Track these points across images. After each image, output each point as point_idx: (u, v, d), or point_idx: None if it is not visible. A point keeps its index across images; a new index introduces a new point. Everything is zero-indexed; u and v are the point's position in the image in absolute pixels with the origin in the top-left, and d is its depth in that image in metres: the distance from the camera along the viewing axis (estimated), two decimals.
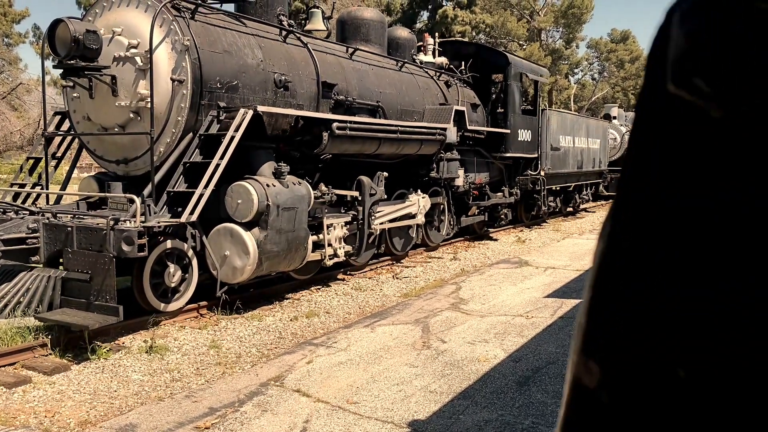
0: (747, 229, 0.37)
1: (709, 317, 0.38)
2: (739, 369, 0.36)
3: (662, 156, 0.41)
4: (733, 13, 0.37)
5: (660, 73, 0.40)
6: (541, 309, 7.46)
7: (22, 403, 4.62)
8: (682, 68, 0.39)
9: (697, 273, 0.38)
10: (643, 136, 0.42)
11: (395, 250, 10.51)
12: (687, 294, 0.38)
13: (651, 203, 0.41)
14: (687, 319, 0.38)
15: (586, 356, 0.43)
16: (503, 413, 4.39)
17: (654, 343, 0.40)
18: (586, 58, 53.37)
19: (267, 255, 6.95)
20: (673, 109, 0.40)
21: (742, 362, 0.37)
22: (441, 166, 10.94)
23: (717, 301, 0.37)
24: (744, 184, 0.37)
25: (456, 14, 38.17)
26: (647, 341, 0.40)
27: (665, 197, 0.40)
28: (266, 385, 4.97)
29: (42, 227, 6.39)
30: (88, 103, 7.36)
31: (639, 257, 0.41)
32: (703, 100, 0.38)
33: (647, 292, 0.40)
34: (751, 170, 0.37)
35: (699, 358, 0.38)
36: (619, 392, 0.42)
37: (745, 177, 0.37)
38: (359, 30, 10.86)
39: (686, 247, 0.39)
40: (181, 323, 6.74)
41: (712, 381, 0.37)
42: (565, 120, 16.96)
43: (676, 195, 0.39)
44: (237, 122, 6.89)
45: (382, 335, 6.36)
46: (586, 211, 21.03)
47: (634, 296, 0.41)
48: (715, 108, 0.38)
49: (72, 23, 6.54)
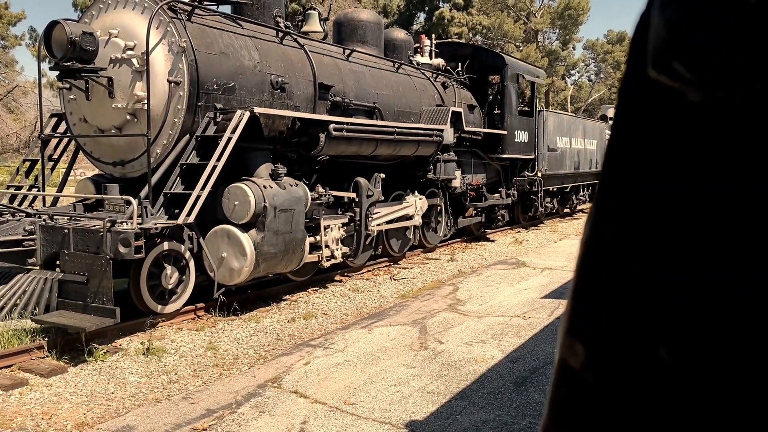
0: (730, 215, 0.37)
1: (691, 303, 0.38)
2: (721, 353, 0.37)
3: (643, 143, 0.41)
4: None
5: (641, 59, 0.41)
6: (538, 310, 7.47)
7: (19, 406, 4.61)
8: (663, 54, 0.40)
9: (679, 259, 0.39)
10: (625, 123, 0.42)
11: (392, 252, 10.52)
12: (669, 280, 0.39)
13: (633, 190, 0.41)
14: (669, 304, 0.39)
15: (571, 337, 0.44)
16: (500, 413, 4.40)
17: (636, 327, 0.40)
18: (583, 60, 53.46)
19: (264, 256, 6.95)
20: (654, 95, 0.40)
21: (724, 346, 0.37)
22: (438, 167, 10.95)
23: (700, 287, 0.38)
24: (726, 171, 0.37)
25: (453, 16, 38.21)
26: (630, 326, 0.40)
27: (647, 184, 0.40)
28: (264, 387, 4.97)
29: (39, 229, 6.39)
30: (84, 105, 7.35)
31: (621, 244, 0.41)
32: (682, 85, 0.39)
33: (629, 278, 0.41)
34: (732, 156, 0.37)
35: (680, 344, 0.38)
36: (603, 373, 0.42)
37: (727, 163, 0.37)
38: (356, 31, 10.87)
39: (668, 233, 0.39)
40: (179, 325, 6.73)
41: (694, 366, 0.38)
42: (562, 121, 16.99)
43: (657, 181, 0.40)
44: (234, 124, 6.89)
45: (379, 336, 6.36)
46: (583, 212, 21.05)
47: (616, 282, 0.41)
48: (694, 92, 0.38)
49: (68, 25, 6.53)
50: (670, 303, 0.39)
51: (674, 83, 0.39)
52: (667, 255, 0.39)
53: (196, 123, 7.17)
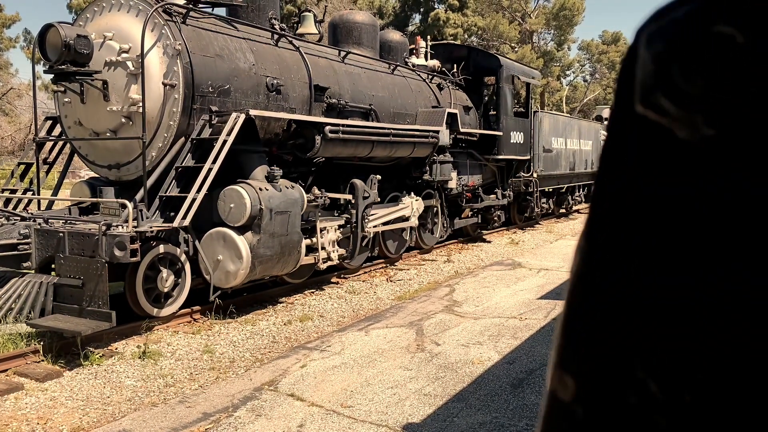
0: (727, 216, 0.37)
1: (687, 305, 0.38)
2: (719, 357, 0.37)
3: (636, 161, 0.41)
4: (694, 36, 0.38)
5: (628, 94, 0.41)
6: (534, 311, 7.48)
7: (15, 410, 4.59)
8: (649, 89, 0.40)
9: (674, 261, 0.38)
10: (614, 155, 0.42)
11: (389, 253, 10.52)
12: (664, 282, 0.38)
13: (627, 191, 0.41)
14: (664, 307, 0.39)
15: (561, 370, 0.44)
16: (497, 415, 4.40)
17: (631, 333, 0.40)
18: (578, 60, 53.59)
19: (260, 259, 6.94)
20: (642, 130, 0.40)
21: (722, 350, 0.37)
22: (434, 168, 10.96)
23: (696, 288, 0.38)
24: (720, 172, 0.37)
25: (448, 17, 38.27)
26: (624, 335, 0.40)
27: (642, 185, 0.40)
28: (260, 390, 4.96)
29: (33, 233, 6.37)
30: (79, 108, 7.34)
31: (615, 247, 0.41)
32: (669, 121, 0.39)
33: (624, 282, 0.40)
34: (726, 160, 0.37)
35: (676, 347, 0.38)
36: (592, 407, 0.42)
37: (721, 165, 0.37)
38: (351, 33, 10.86)
39: (663, 234, 0.39)
40: (175, 328, 6.71)
41: (689, 377, 0.38)
42: (557, 122, 17.01)
43: (652, 183, 0.40)
44: (229, 126, 6.88)
45: (376, 338, 6.36)
46: (579, 212, 21.09)
47: (611, 288, 0.41)
48: (681, 129, 0.38)
49: (63, 28, 6.51)
50: (668, 306, 0.39)
51: (662, 119, 0.39)
52: (661, 257, 0.39)
53: (192, 125, 7.16)
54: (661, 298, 0.39)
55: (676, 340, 0.38)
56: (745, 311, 0.36)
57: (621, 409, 0.40)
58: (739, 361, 0.37)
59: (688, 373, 0.38)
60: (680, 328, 0.38)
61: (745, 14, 0.36)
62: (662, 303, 0.39)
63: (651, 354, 0.39)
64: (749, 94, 0.36)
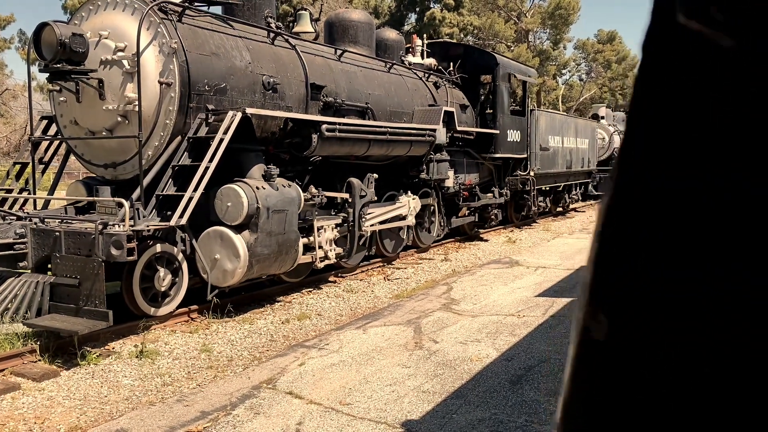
0: (733, 211, 0.36)
1: (694, 298, 0.37)
2: (724, 346, 0.36)
3: (648, 134, 0.40)
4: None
5: (669, 5, 0.40)
6: (532, 308, 7.48)
7: (11, 410, 4.57)
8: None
9: (680, 254, 0.38)
10: (648, 78, 0.41)
11: (386, 252, 10.51)
12: (671, 275, 0.38)
13: (635, 184, 0.40)
14: (671, 300, 0.38)
15: (593, 306, 0.43)
16: (496, 412, 4.39)
17: (640, 321, 0.39)
18: (574, 59, 53.65)
19: (257, 258, 6.93)
20: (683, 42, 0.39)
21: (727, 340, 0.36)
22: (431, 167, 10.96)
23: (703, 282, 0.37)
24: (728, 166, 0.37)
25: (444, 16, 38.28)
26: (634, 319, 0.39)
27: (650, 179, 0.40)
28: (258, 388, 4.95)
29: (30, 232, 6.34)
30: (75, 107, 7.31)
31: (623, 238, 0.41)
32: (714, 30, 0.37)
33: (632, 273, 0.40)
34: (736, 151, 0.36)
35: (684, 339, 0.38)
36: (625, 345, 0.41)
37: (730, 158, 0.36)
38: (347, 32, 10.85)
39: (671, 228, 0.38)
40: (172, 327, 6.69)
41: (700, 357, 0.37)
42: (554, 120, 17.03)
43: (660, 176, 0.39)
44: (226, 125, 6.86)
45: (374, 336, 6.35)
46: (576, 210, 21.13)
47: (620, 278, 0.41)
48: (726, 38, 0.37)
49: (58, 27, 6.48)
50: (675, 299, 0.38)
51: (705, 29, 0.38)
52: (668, 249, 0.38)
53: (188, 124, 7.14)
54: (668, 292, 0.38)
55: (682, 333, 0.38)
56: (749, 308, 0.36)
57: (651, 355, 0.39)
58: (743, 349, 0.36)
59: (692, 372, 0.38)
60: (686, 321, 0.38)
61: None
62: (669, 296, 0.38)
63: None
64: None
